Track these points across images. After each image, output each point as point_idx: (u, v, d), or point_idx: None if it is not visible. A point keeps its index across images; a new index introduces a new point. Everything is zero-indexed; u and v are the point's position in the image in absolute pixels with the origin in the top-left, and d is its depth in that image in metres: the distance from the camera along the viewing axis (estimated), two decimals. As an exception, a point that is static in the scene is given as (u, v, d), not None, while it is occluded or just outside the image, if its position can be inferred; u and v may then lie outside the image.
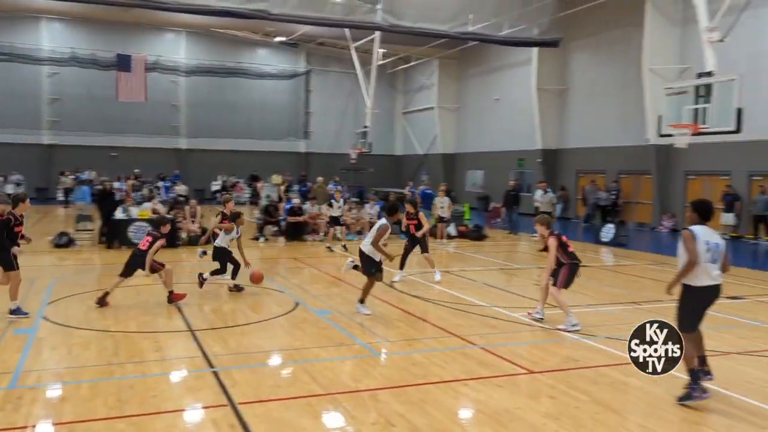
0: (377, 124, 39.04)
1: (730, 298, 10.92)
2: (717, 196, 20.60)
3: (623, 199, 25.34)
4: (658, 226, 23.44)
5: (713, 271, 5.95)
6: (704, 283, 5.95)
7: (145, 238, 9.69)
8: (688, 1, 18.27)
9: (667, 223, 23.14)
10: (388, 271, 11.23)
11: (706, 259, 5.91)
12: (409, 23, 21.55)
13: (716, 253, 5.96)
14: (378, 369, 6.99)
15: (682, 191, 23.02)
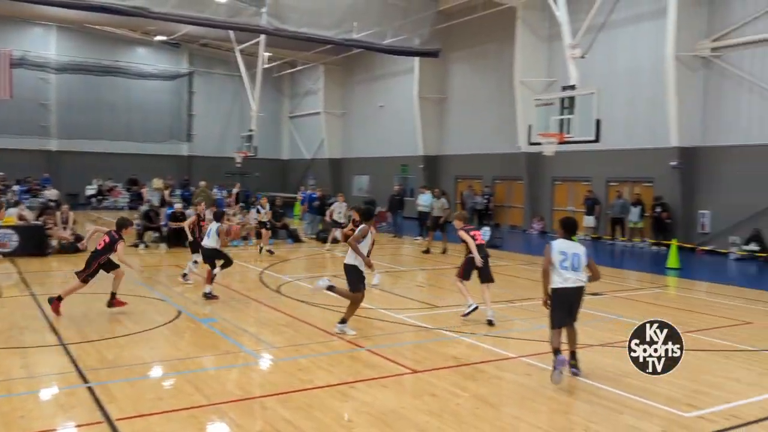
0: (263, 128, 38.51)
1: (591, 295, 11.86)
2: (580, 200, 22.33)
3: (497, 203, 26.71)
4: (529, 229, 24.92)
5: (568, 275, 6.78)
6: (558, 286, 6.80)
7: (103, 238, 9.49)
8: (553, 19, 19.66)
9: (537, 225, 24.67)
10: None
11: (563, 267, 6.79)
12: (293, 28, 21.51)
13: (576, 261, 6.83)
14: (265, 376, 6.96)
15: (550, 196, 24.66)
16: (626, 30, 21.31)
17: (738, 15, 18.49)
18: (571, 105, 14.48)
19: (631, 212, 20.91)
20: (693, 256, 18.44)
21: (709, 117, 19.27)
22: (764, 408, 6.05)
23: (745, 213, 18.28)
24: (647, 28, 20.76)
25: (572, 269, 6.80)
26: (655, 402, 6.16)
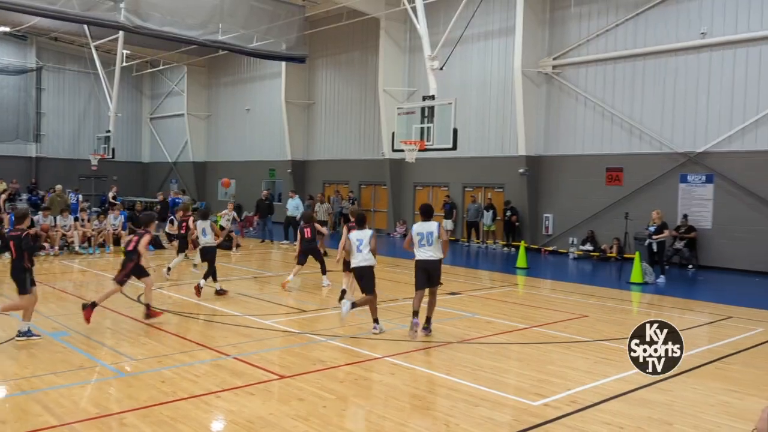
0: (122, 129, 36.54)
1: (449, 294, 12.57)
2: (440, 204, 23.50)
3: (363, 208, 27.29)
4: (393, 232, 25.72)
5: (423, 251, 8.90)
6: (418, 258, 8.96)
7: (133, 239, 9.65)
8: (414, 31, 20.62)
9: (400, 229, 25.53)
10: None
11: (420, 245, 8.92)
12: (154, 26, 20.59)
13: (430, 238, 8.86)
14: (123, 390, 6.67)
15: (412, 200, 25.64)
16: (479, 45, 22.77)
17: (574, 37, 20.38)
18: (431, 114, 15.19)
19: (485, 216, 22.30)
20: (539, 256, 20.03)
21: (551, 128, 21.06)
22: (598, 393, 6.74)
23: (581, 216, 20.17)
24: (497, 45, 22.32)
25: (428, 245, 8.86)
26: (507, 393, 6.66)
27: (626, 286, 14.46)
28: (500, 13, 22.09)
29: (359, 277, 9.12)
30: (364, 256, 9.06)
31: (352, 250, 9.17)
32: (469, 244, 22.74)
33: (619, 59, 19.34)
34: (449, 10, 21.01)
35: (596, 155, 19.85)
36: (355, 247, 9.11)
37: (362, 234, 9.17)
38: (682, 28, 17.98)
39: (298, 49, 24.33)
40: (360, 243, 9.10)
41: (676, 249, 17.58)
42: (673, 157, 18.17)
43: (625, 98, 19.25)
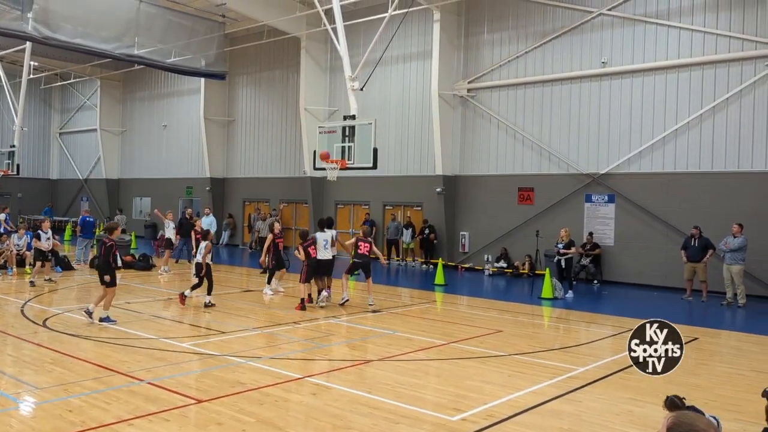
0: (27, 144, 34.76)
1: (372, 312, 12.70)
2: (360, 222, 23.65)
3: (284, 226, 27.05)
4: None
5: (325, 252, 13.04)
6: (320, 258, 12.93)
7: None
8: (335, 52, 20.87)
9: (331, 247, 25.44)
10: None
11: (325, 248, 13.06)
12: (65, 37, 19.80)
13: (328, 244, 13.08)
14: (26, 422, 6.32)
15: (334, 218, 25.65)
16: (398, 67, 23.31)
17: (487, 62, 21.23)
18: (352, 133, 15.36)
19: (404, 234, 22.67)
20: (456, 273, 20.52)
21: (466, 149, 21.77)
22: (513, 406, 6.98)
23: (495, 234, 20.88)
24: (415, 67, 22.94)
25: (330, 248, 13.09)
26: (426, 409, 6.78)
27: (537, 301, 15.05)
28: (418, 37, 22.71)
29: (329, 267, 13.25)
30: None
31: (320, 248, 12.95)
32: (388, 262, 23.00)
33: (528, 84, 20.28)
34: (369, 31, 21.43)
35: (509, 175, 20.66)
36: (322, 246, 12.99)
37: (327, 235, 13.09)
38: (585, 57, 19.11)
39: (218, 65, 24.04)
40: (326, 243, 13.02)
41: (582, 265, 18.48)
42: (579, 177, 19.16)
43: (534, 121, 20.18)
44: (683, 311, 14.28)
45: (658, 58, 17.76)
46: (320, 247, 13.04)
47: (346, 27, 17.25)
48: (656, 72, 17.84)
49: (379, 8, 20.96)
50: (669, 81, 17.63)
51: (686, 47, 17.34)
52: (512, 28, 20.70)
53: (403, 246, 22.86)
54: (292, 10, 23.14)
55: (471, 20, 21.65)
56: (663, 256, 17.49)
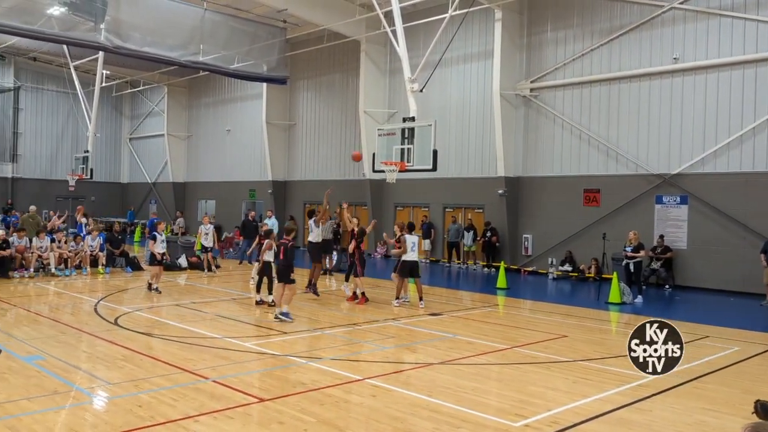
0: (100, 149, 36.34)
1: (431, 315, 12.58)
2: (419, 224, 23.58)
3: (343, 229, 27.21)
4: (374, 253, 25.71)
5: (411, 253, 13.23)
6: (407, 259, 13.21)
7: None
8: (395, 54, 20.86)
9: (381, 249, 25.53)
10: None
11: (412, 249, 13.22)
12: (135, 46, 20.55)
13: (415, 246, 13.29)
14: (99, 416, 6.55)
15: (393, 220, 25.65)
16: (458, 68, 23.10)
17: (551, 61, 20.76)
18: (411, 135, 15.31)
19: (465, 236, 22.40)
20: (518, 277, 20.14)
21: (529, 150, 21.34)
22: (579, 413, 6.75)
23: (560, 237, 20.37)
24: (476, 68, 22.66)
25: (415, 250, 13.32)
26: (488, 414, 6.63)
27: (604, 306, 14.59)
28: (479, 37, 22.45)
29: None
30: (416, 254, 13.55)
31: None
32: (449, 265, 22.79)
33: (594, 83, 19.72)
34: (429, 33, 21.34)
35: (574, 176, 20.13)
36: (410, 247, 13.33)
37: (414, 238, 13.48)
38: (655, 54, 18.42)
39: (279, 70, 24.43)
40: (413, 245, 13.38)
41: (652, 269, 17.80)
42: (648, 178, 18.48)
43: (601, 121, 19.60)
44: (762, 317, 13.55)
45: (734, 52, 16.94)
46: (408, 248, 13.27)
47: (405, 29, 17.24)
48: (732, 67, 17.01)
49: (438, 9, 20.82)
50: (746, 76, 16.78)
51: (764, 41, 16.48)
52: (577, 25, 20.18)
53: (464, 249, 22.61)
54: (351, 13, 23.31)
55: (533, 18, 21.25)
56: (740, 260, 16.65)
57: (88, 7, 19.41)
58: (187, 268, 19.34)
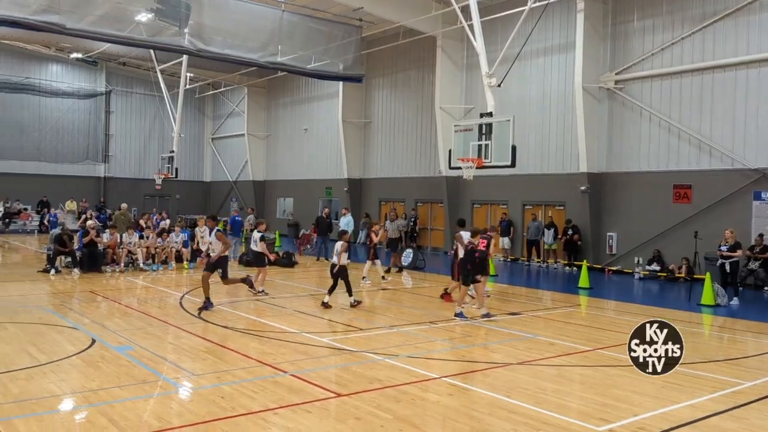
0: (184, 149, 37.80)
1: (510, 314, 12.29)
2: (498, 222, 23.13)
3: (420, 226, 27.17)
4: (450, 251, 25.43)
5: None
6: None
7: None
8: (471, 49, 20.55)
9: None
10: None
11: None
12: (216, 49, 21.23)
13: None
14: (184, 405, 6.77)
15: (470, 218, 25.37)
16: (538, 61, 22.48)
17: (637, 51, 19.84)
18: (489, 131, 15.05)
19: (546, 234, 21.80)
20: (602, 277, 19.39)
21: (614, 145, 20.49)
22: (667, 419, 6.41)
23: (647, 235, 19.45)
24: (557, 60, 21.97)
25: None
26: (570, 417, 6.40)
27: (696, 308, 13.82)
28: (560, 29, 21.78)
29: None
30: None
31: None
32: (529, 263, 22.27)
33: (685, 73, 18.70)
34: (507, 26, 20.87)
35: (663, 172, 19.18)
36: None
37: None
38: (753, 41, 17.26)
39: (355, 68, 24.60)
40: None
41: (750, 270, 16.70)
42: (746, 173, 17.36)
43: (693, 113, 18.57)
44: None
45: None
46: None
47: (482, 23, 16.96)
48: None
49: (517, 1, 20.31)
50: None
51: None
52: (666, 13, 19.20)
53: (544, 247, 22.04)
54: (427, 9, 23.15)
55: (618, 8, 20.39)
56: None
57: (173, 13, 20.18)
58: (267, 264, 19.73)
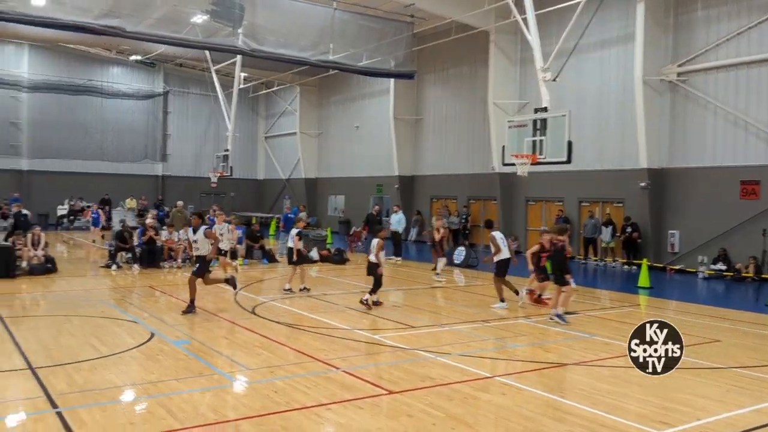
0: (239, 148, 38.51)
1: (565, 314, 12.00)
2: (553, 219, 22.64)
3: (472, 223, 26.89)
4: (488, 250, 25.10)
5: (507, 250, 12.34)
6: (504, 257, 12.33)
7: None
8: (525, 43, 20.12)
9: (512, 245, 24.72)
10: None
11: (504, 245, 12.34)
12: (269, 49, 21.55)
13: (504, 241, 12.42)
14: (239, 398, 6.89)
15: (524, 215, 24.95)
16: (595, 54, 21.87)
17: (701, 42, 19.07)
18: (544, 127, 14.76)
19: (603, 232, 21.23)
20: (663, 276, 18.73)
21: (677, 139, 19.75)
22: (733, 424, 6.15)
23: (712, 233, 18.69)
24: (615, 53, 21.33)
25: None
26: (628, 420, 6.21)
27: (765, 309, 13.23)
28: (618, 20, 21.12)
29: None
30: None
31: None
32: (585, 262, 21.75)
33: (753, 64, 17.86)
34: (563, 19, 20.32)
35: (729, 167, 18.38)
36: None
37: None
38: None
39: (407, 65, 24.55)
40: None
41: (821, 269, 15.89)
42: (817, 168, 16.48)
43: (761, 105, 17.71)
44: None
45: None
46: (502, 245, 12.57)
47: (537, 16, 16.63)
48: None
49: (572, -7, 19.85)
50: None
51: None
52: (731, 1, 18.37)
53: (601, 245, 21.45)
54: (480, 4, 22.86)
55: (681, -3, 19.66)
56: None
57: (227, 14, 20.60)
58: (318, 261, 19.97)
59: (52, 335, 9.36)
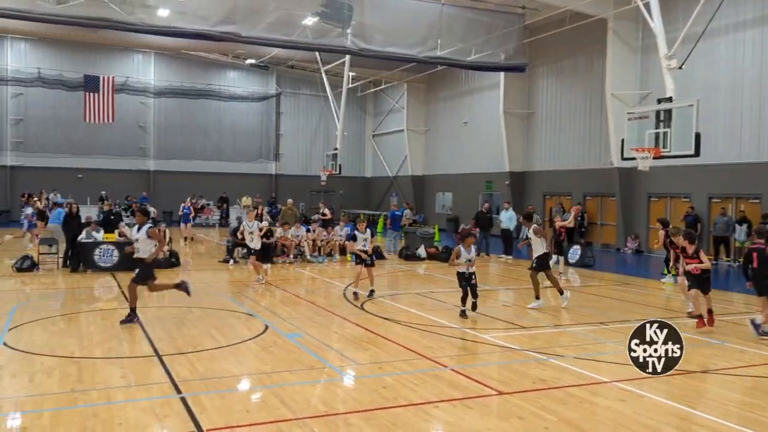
0: (347, 146, 39.28)
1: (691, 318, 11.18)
2: (679, 217, 21.16)
3: (588, 221, 25.77)
4: (623, 248, 23.85)
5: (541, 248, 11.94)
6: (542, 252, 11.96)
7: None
8: (647, 29, 18.95)
9: (632, 244, 23.54)
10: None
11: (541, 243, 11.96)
12: (378, 47, 21.76)
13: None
14: (349, 392, 6.96)
15: (646, 213, 23.54)
16: (727, 38, 20.17)
17: None
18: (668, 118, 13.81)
19: (737, 230, 19.60)
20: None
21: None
22: None
23: None
24: (751, 36, 19.57)
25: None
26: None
27: None
28: (754, 1, 19.40)
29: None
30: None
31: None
32: (717, 262, 20.18)
33: None
34: (690, 2, 18.95)
35: None
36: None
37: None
38: None
39: (518, 58, 23.91)
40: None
41: None
42: None
43: None
44: None
45: None
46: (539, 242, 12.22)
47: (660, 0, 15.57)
48: None
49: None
50: None
51: None
52: None
53: (735, 244, 19.81)
54: (596, -10, 21.83)
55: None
56: None
57: (336, 15, 21.03)
58: (426, 258, 19.94)
59: (176, 325, 9.94)
